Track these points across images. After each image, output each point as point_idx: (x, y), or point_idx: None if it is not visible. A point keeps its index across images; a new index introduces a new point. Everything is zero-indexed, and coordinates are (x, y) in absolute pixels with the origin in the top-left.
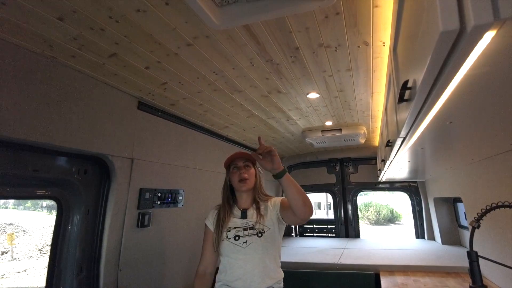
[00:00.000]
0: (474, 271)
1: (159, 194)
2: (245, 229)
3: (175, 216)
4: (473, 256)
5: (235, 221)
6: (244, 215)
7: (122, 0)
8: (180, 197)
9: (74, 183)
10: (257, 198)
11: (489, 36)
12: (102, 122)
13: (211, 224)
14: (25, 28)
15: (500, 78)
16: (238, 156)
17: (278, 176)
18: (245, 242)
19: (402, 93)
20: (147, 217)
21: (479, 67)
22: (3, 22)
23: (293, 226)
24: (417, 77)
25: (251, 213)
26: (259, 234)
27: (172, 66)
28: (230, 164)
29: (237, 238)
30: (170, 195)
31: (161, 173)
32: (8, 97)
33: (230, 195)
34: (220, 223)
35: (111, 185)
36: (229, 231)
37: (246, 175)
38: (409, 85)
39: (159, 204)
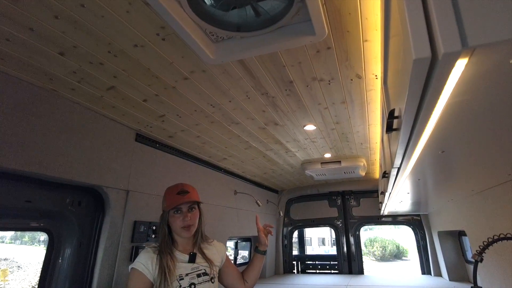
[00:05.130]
0: None
1: (154, 227)
2: (198, 275)
3: None
4: None
5: (184, 266)
6: (192, 259)
7: (120, 36)
8: None
9: (67, 215)
10: (199, 240)
11: (462, 63)
12: (99, 154)
13: (149, 271)
14: (27, 62)
15: (483, 106)
16: (184, 201)
17: (263, 252)
18: None
19: (390, 122)
20: (140, 251)
21: (459, 95)
22: (6, 57)
23: (294, 262)
24: (401, 105)
25: (199, 256)
26: (212, 280)
27: (169, 99)
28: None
29: (192, 286)
30: None
31: (157, 205)
32: (7, 128)
33: (169, 239)
34: (166, 270)
35: (105, 218)
36: (182, 279)
37: (190, 221)
38: (396, 114)
39: (154, 237)
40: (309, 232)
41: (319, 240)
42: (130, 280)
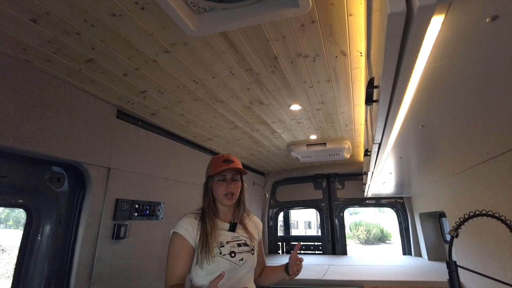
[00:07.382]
0: (453, 282)
1: (137, 206)
2: (239, 245)
3: (154, 229)
4: (452, 266)
5: (224, 234)
6: (233, 228)
7: (97, 3)
8: (160, 210)
9: (46, 191)
10: (241, 212)
11: (438, 21)
12: (79, 130)
13: (191, 236)
14: None
15: (460, 74)
16: (228, 168)
17: (288, 274)
18: (241, 259)
19: (370, 92)
20: (123, 229)
21: (437, 59)
22: None
23: (279, 243)
24: (380, 71)
25: (239, 227)
26: (252, 252)
27: (151, 74)
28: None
29: (233, 254)
30: (148, 207)
31: (139, 184)
32: None
33: (214, 205)
34: (208, 236)
35: (86, 195)
36: (223, 246)
37: (233, 189)
38: (375, 83)
39: (137, 216)
40: (295, 216)
41: (305, 223)
42: (172, 243)
